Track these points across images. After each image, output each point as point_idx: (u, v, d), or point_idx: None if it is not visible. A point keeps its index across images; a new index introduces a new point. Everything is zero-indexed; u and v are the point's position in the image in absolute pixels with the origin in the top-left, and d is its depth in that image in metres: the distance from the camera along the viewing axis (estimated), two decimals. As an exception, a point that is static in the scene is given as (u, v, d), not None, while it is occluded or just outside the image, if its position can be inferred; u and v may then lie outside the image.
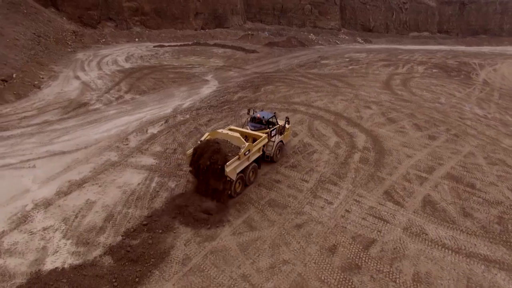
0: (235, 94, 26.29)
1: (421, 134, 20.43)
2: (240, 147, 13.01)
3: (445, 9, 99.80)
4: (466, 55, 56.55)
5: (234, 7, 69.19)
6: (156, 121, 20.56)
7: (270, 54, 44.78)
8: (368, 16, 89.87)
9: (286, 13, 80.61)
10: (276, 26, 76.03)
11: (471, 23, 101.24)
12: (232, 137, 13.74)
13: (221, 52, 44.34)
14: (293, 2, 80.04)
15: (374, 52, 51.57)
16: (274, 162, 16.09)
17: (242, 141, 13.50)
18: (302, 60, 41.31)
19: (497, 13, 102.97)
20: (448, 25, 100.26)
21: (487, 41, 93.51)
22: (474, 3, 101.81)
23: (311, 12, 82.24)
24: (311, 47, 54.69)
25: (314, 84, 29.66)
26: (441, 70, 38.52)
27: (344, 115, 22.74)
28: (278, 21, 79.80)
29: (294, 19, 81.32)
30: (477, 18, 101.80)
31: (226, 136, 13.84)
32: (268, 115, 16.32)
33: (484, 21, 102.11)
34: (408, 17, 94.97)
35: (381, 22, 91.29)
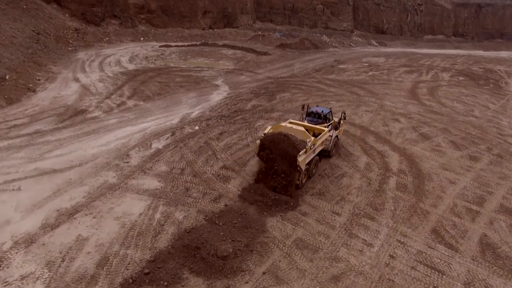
0: (248, 102, 24.16)
1: (460, 153, 18.20)
2: (306, 141, 13.24)
3: (461, 11, 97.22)
4: (488, 61, 54.10)
5: (244, 6, 67.09)
6: (162, 133, 18.47)
7: (283, 56, 42.62)
8: (381, 18, 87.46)
9: (297, 13, 78.37)
10: (286, 26, 73.88)
11: (487, 26, 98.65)
12: (297, 130, 13.93)
13: (230, 54, 42.25)
14: (304, 2, 77.77)
15: (392, 56, 49.25)
16: (330, 157, 16.49)
17: (307, 134, 13.83)
18: (317, 64, 39.11)
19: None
20: (464, 28, 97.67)
21: (504, 46, 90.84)
22: (491, 6, 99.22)
23: (323, 12, 79.91)
24: (325, 50, 52.48)
25: (334, 92, 27.47)
26: (468, 78, 36.18)
27: (371, 129, 20.54)
28: (289, 21, 77.58)
29: (305, 19, 79.05)
30: (493, 22, 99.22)
31: (290, 129, 14.00)
32: (326, 110, 17.12)
33: (500, 25, 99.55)
34: (423, 19, 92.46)
35: (395, 24, 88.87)
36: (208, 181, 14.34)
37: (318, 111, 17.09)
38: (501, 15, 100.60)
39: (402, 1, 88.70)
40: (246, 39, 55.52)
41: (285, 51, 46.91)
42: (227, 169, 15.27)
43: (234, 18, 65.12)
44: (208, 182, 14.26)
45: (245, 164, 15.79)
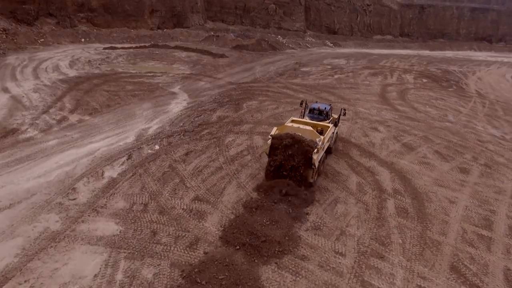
0: (213, 113, 21.69)
1: (449, 166, 17.17)
2: (316, 140, 13.13)
3: (406, 12, 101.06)
4: (439, 61, 55.91)
5: (194, 5, 64.10)
6: (115, 157, 15.52)
7: (241, 59, 40.46)
8: (333, 18, 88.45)
9: (249, 13, 76.63)
10: (239, 26, 71.92)
11: (430, 27, 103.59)
12: (305, 130, 13.80)
13: (184, 57, 39.31)
14: (256, 1, 76.22)
15: (351, 57, 48.98)
16: (330, 153, 16.61)
17: (316, 134, 13.70)
18: (279, 67, 37.41)
19: (454, 17, 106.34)
20: (409, 28, 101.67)
21: (448, 46, 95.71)
22: (432, 7, 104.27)
23: (276, 12, 78.88)
24: (283, 51, 51.12)
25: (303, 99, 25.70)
26: (430, 80, 36.37)
27: (352, 140, 19.01)
28: (241, 21, 75.69)
29: (258, 19, 77.54)
30: (435, 22, 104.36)
31: (297, 129, 13.81)
32: (327, 107, 17.22)
33: (442, 25, 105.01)
34: (372, 20, 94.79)
35: (346, 24, 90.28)
36: (179, 219, 11.80)
37: (321, 108, 17.09)
38: (442, 16, 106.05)
39: (352, 2, 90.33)
40: (199, 40, 52.67)
41: (242, 53, 44.79)
42: (200, 201, 12.81)
43: (184, 18, 61.95)
44: (180, 220, 11.73)
45: (221, 193, 13.40)
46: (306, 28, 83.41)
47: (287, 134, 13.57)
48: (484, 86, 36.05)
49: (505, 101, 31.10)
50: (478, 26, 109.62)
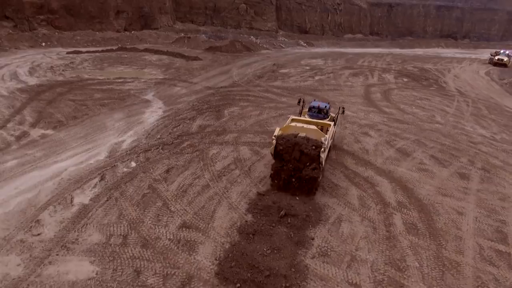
0: (192, 122, 20.07)
1: (448, 172, 16.40)
2: (322, 139, 12.84)
3: (375, 11, 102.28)
4: (413, 59, 56.33)
5: (162, 5, 61.82)
6: (86, 178, 13.69)
7: (216, 61, 38.79)
8: (304, 17, 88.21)
9: (219, 13, 75.02)
10: (210, 27, 70.18)
11: (398, 25, 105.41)
12: (309, 130, 13.55)
13: (156, 60, 37.24)
14: (226, 1, 74.70)
15: (328, 57, 48.32)
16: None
17: (321, 133, 13.52)
18: (256, 69, 36.05)
19: (421, 16, 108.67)
20: (379, 27, 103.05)
21: (417, 43, 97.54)
22: (400, 6, 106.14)
23: (247, 12, 77.64)
24: (258, 52, 49.81)
25: (286, 103, 24.56)
26: (410, 79, 36.08)
27: (344, 147, 17.92)
28: (212, 22, 74.01)
29: (229, 19, 76.06)
30: (403, 21, 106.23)
31: (301, 129, 13.53)
32: (327, 105, 17.08)
33: (409, 24, 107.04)
34: (343, 18, 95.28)
35: (317, 23, 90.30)
36: (166, 252, 10.26)
37: (321, 106, 16.92)
38: (409, 14, 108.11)
39: (322, 1, 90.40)
40: (170, 42, 50.48)
41: (216, 55, 43.11)
42: (188, 229, 11.29)
43: (152, 19, 59.56)
44: (167, 254, 10.19)
45: (211, 217, 11.92)
46: (278, 28, 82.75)
47: (292, 134, 13.25)
48: (462, 84, 36.13)
49: (485, 99, 31.12)
50: (444, 24, 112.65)
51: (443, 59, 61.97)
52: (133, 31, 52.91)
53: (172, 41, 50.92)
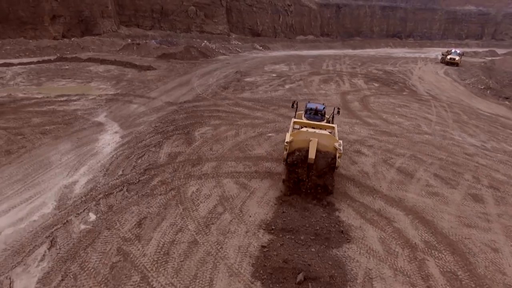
0: (159, 150, 16.93)
1: (459, 194, 14.83)
2: (336, 145, 12.82)
3: (324, 12, 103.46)
4: (371, 60, 56.52)
5: (105, 8, 56.87)
6: (29, 246, 10.30)
7: (172, 70, 35.43)
8: (255, 19, 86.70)
9: (167, 16, 71.18)
10: (159, 31, 66.16)
11: (347, 26, 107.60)
12: (321, 135, 13.14)
13: (103, 71, 33.17)
14: (174, 4, 71.01)
15: (290, 62, 46.61)
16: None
17: (334, 138, 13.36)
18: (218, 78, 33.21)
19: (367, 16, 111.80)
20: (329, 28, 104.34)
21: (368, 44, 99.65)
22: (348, 6, 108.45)
23: (196, 15, 74.53)
24: (215, 58, 46.94)
25: (262, 118, 22.09)
26: (381, 84, 35.16)
27: (342, 171, 15.76)
28: (160, 26, 70.02)
29: (178, 23, 72.52)
30: (351, 21, 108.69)
31: (313, 135, 13.05)
32: (323, 107, 16.93)
33: (357, 24, 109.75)
34: (294, 20, 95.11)
35: (269, 25, 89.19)
36: None
37: (318, 108, 16.78)
38: (356, 14, 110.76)
39: (273, 2, 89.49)
40: (116, 50, 46.12)
41: (171, 62, 39.67)
42: (182, 315, 8.36)
43: (93, 24, 54.65)
44: None
45: (209, 291, 9.08)
46: (230, 31, 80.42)
47: (304, 149, 12.84)
48: (430, 87, 35.85)
49: (457, 102, 30.79)
50: (389, 24, 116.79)
51: (397, 59, 62.94)
52: (73, 38, 47.83)
53: (119, 48, 46.57)
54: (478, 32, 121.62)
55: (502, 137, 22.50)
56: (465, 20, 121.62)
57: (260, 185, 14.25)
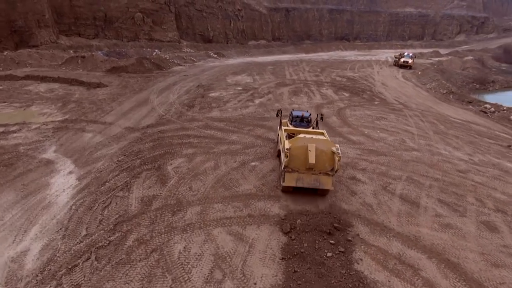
0: (128, 194, 14.22)
1: (471, 223, 13.77)
2: (334, 149, 13.71)
3: (274, 16, 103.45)
4: (328, 65, 56.37)
5: (41, 17, 51.75)
6: None
7: (126, 87, 32.16)
8: (206, 25, 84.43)
9: (112, 24, 66.91)
10: (104, 41, 61.71)
11: (296, 29, 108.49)
12: (319, 140, 14.00)
13: (45, 91, 29.21)
14: (119, 10, 66.91)
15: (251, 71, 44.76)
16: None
17: (331, 143, 14.15)
18: (180, 94, 30.50)
19: (316, 19, 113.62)
20: (279, 32, 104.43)
21: (319, 48, 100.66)
22: (296, 10, 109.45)
23: (144, 21, 70.83)
24: (171, 70, 43.90)
25: (240, 142, 19.93)
26: (350, 93, 34.28)
27: (343, 205, 14.08)
28: (104, 34, 65.55)
29: (124, 30, 68.43)
30: (300, 25, 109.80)
31: (311, 140, 13.85)
32: (309, 114, 18.45)
33: (306, 27, 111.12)
34: (245, 25, 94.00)
35: (220, 31, 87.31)
36: None
37: (305, 115, 18.18)
38: (305, 18, 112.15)
39: (223, 7, 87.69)
40: (58, 64, 41.58)
41: (123, 77, 36.22)
42: None
43: (29, 34, 49.60)
44: None
45: None
46: (180, 38, 77.33)
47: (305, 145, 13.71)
48: (396, 94, 35.63)
49: (426, 109, 30.60)
50: (337, 26, 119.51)
51: (351, 63, 63.47)
52: (5, 52, 42.61)
53: (62, 62, 42.03)
54: (419, 33, 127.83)
55: (484, 148, 22.11)
56: (407, 22, 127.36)
57: (258, 234, 12.10)
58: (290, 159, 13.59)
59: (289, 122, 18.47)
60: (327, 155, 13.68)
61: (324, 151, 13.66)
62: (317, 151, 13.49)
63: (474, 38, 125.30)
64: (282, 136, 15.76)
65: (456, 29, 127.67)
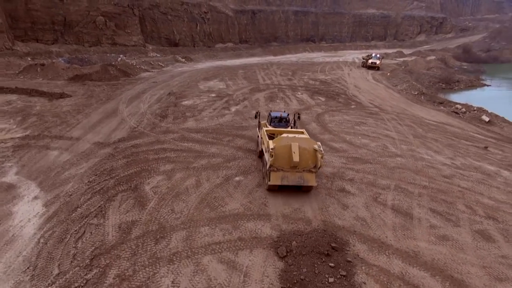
0: (103, 221, 12.90)
1: (466, 234, 13.51)
2: (316, 147, 14.25)
3: (241, 18, 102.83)
4: (298, 68, 56.38)
5: (-7, 22, 48.22)
6: None
7: (92, 96, 30.25)
8: (171, 28, 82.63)
9: (72, 28, 63.95)
10: (64, 46, 58.70)
11: (263, 31, 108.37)
12: (301, 139, 14.53)
13: (2, 103, 26.93)
14: (79, 14, 64.00)
15: (223, 77, 43.69)
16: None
17: (312, 141, 14.67)
18: (150, 103, 29.00)
19: (282, 21, 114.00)
20: (246, 34, 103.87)
21: (287, 50, 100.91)
22: (262, 12, 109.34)
23: (106, 25, 68.16)
24: (138, 77, 42.06)
25: (220, 155, 18.92)
26: (325, 97, 33.96)
27: (336, 221, 13.40)
28: (64, 39, 62.43)
29: (85, 35, 65.50)
30: (267, 27, 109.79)
31: (294, 139, 14.33)
32: (287, 114, 19.21)
33: (273, 29, 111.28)
34: (211, 27, 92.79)
35: (186, 34, 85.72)
36: None
37: (283, 115, 18.88)
38: (271, 20, 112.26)
39: (188, 10, 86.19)
40: (15, 73, 38.75)
41: (87, 86, 34.16)
42: None
43: (-20, 41, 46.02)
44: None
45: None
46: (145, 42, 75.05)
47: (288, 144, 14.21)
48: (370, 96, 35.71)
49: (401, 111, 30.76)
50: (303, 28, 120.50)
51: (320, 64, 63.81)
52: (-46, 61, 39.22)
53: (19, 70, 39.20)
54: (382, 33, 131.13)
55: (463, 150, 22.25)
56: (370, 23, 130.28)
57: (252, 261, 11.17)
58: (275, 158, 14.08)
59: (268, 123, 18.85)
60: (309, 153, 14.27)
61: (307, 149, 14.24)
62: (300, 149, 14.08)
63: (434, 38, 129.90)
64: (264, 136, 16.14)
65: (416, 29, 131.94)
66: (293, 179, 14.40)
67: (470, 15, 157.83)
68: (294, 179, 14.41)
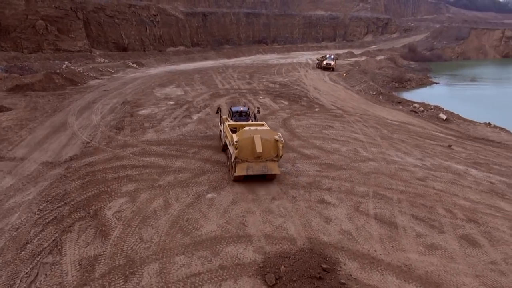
0: (60, 258, 11.13)
1: (453, 240, 13.20)
2: (277, 137, 15.54)
3: (191, 21, 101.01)
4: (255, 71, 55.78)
5: None
6: None
7: (36, 109, 27.41)
8: (119, 32, 79.30)
9: (8, 34, 59.47)
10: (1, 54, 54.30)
11: (215, 34, 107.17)
12: (263, 131, 15.68)
13: None
14: (16, 18, 59.57)
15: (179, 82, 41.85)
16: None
17: (273, 132, 16.04)
18: (103, 113, 26.75)
19: (233, 23, 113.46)
20: (198, 37, 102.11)
21: (240, 52, 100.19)
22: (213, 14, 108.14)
23: (47, 30, 63.90)
24: (87, 84, 39.14)
25: (187, 170, 17.49)
26: (288, 100, 33.33)
27: (321, 237, 12.56)
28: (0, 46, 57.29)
29: (24, 41, 61.02)
30: (218, 29, 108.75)
31: (256, 132, 15.31)
32: (247, 108, 20.43)
33: (225, 32, 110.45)
34: (162, 31, 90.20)
35: (136, 38, 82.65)
36: None
37: (244, 110, 19.81)
38: (223, 22, 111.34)
39: (136, 13, 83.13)
40: None
41: (30, 97, 31.04)
42: None
43: None
44: None
45: None
46: (91, 47, 71.12)
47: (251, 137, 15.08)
48: (331, 98, 35.62)
49: (364, 113, 30.85)
50: (254, 30, 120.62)
51: (276, 66, 63.67)
52: None
53: None
54: (331, 34, 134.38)
55: (430, 150, 22.43)
56: (319, 24, 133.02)
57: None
58: (239, 150, 14.93)
59: (229, 118, 19.77)
60: (271, 143, 15.34)
61: (268, 140, 15.32)
62: (262, 140, 15.07)
63: (380, 38, 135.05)
64: (227, 130, 17.06)
65: (364, 30, 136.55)
66: (257, 169, 15.34)
67: (411, 16, 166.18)
68: (258, 168, 15.35)
